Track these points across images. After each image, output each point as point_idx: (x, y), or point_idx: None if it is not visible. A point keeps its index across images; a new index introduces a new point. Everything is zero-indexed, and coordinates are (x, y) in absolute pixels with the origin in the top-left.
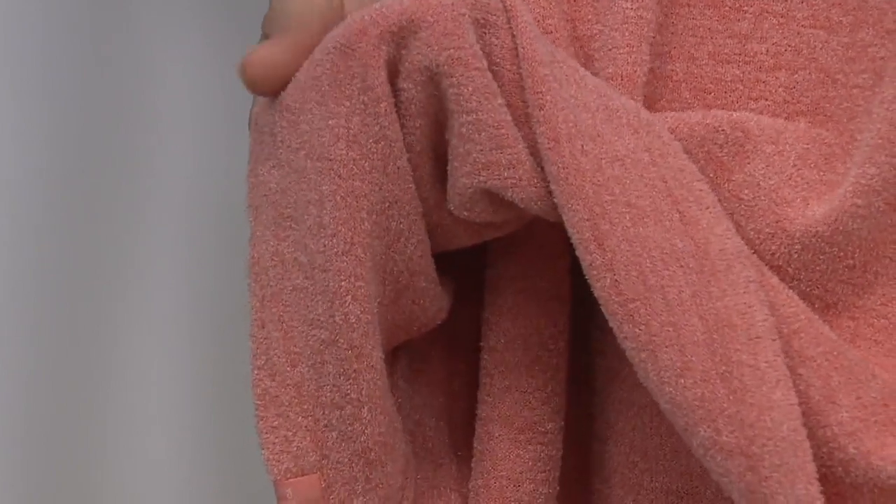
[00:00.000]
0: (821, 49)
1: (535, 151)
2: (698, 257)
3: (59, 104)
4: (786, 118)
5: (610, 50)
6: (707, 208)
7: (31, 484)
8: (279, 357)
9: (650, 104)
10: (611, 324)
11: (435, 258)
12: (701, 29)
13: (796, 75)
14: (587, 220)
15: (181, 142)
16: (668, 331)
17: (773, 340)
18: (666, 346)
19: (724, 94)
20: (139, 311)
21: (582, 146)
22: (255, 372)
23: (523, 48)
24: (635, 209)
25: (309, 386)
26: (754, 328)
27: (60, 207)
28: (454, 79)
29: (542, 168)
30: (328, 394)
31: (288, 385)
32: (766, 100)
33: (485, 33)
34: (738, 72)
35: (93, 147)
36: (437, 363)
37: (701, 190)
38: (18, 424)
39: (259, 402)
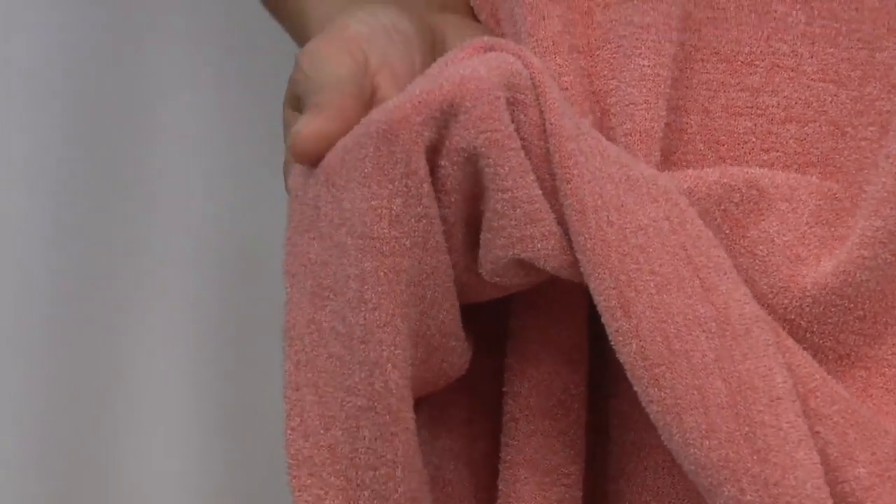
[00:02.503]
0: (830, 102)
1: (562, 221)
2: (720, 322)
3: (59, 105)
4: (797, 169)
5: (627, 106)
6: (725, 274)
7: (36, 483)
8: (313, 420)
9: (665, 157)
10: (635, 388)
11: None
12: (714, 83)
13: (807, 127)
14: (613, 288)
15: (181, 143)
16: (693, 394)
17: (794, 401)
18: (691, 409)
19: (736, 146)
20: (146, 316)
21: (607, 217)
22: (289, 433)
23: (551, 124)
24: (659, 277)
25: (343, 448)
26: (775, 389)
27: (66, 211)
28: (491, 159)
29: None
30: (363, 456)
31: (321, 447)
32: (778, 151)
33: (514, 110)
34: (750, 124)
35: (96, 150)
36: (457, 408)
37: (718, 256)
38: (26, 425)
39: (292, 462)
